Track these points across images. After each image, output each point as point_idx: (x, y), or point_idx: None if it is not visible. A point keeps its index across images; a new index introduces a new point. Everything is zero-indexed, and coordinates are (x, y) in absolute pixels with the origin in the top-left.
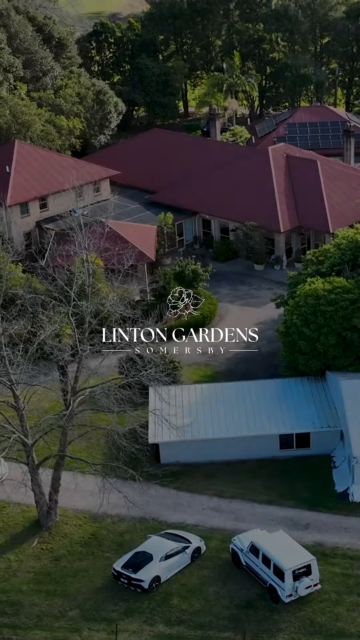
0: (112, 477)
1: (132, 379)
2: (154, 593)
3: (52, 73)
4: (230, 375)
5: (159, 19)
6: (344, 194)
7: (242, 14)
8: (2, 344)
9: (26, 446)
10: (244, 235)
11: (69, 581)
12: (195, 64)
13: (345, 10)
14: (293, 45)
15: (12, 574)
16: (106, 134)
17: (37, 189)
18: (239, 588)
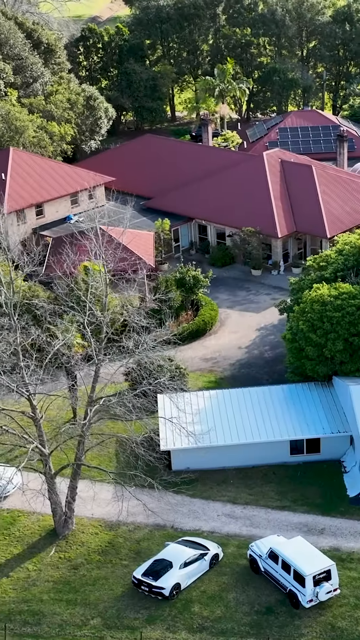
0: (132, 486)
1: (147, 387)
2: (174, 600)
3: (42, 79)
4: (234, 381)
5: (146, 23)
6: (340, 198)
7: (229, 18)
8: (19, 354)
9: (43, 456)
10: (242, 240)
11: (89, 590)
12: (182, 68)
13: (331, 14)
14: (280, 49)
15: (32, 583)
16: (96, 139)
17: (33, 196)
18: (258, 594)
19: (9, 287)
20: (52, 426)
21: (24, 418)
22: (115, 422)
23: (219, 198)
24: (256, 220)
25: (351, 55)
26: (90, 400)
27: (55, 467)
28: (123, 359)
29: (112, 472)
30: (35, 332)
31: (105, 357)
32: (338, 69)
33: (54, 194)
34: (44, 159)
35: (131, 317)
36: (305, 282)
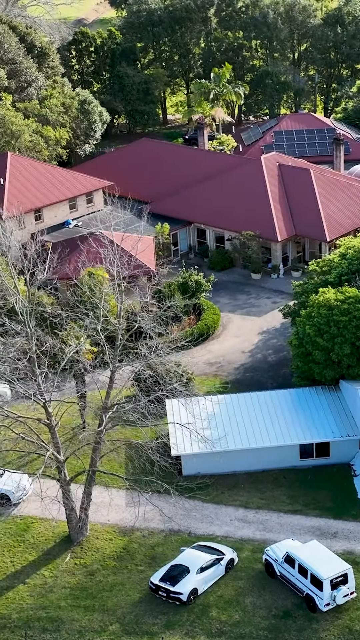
0: (148, 492)
1: (162, 394)
2: (192, 605)
3: (37, 83)
4: (240, 385)
5: (137, 27)
6: (338, 202)
7: (220, 21)
8: (35, 362)
9: (58, 462)
10: (241, 244)
11: (106, 595)
12: (174, 71)
13: (322, 17)
14: (272, 52)
15: (49, 590)
16: (91, 143)
17: (32, 200)
18: (275, 598)
19: (24, 295)
20: (62, 432)
21: (35, 424)
22: (123, 427)
23: (218, 202)
24: (255, 224)
25: (342, 57)
26: (105, 406)
27: (68, 473)
28: (135, 364)
29: (129, 478)
30: (50, 339)
31: (120, 363)
32: (329, 71)
33: (52, 198)
34: (41, 163)
35: (146, 323)
36: (308, 286)
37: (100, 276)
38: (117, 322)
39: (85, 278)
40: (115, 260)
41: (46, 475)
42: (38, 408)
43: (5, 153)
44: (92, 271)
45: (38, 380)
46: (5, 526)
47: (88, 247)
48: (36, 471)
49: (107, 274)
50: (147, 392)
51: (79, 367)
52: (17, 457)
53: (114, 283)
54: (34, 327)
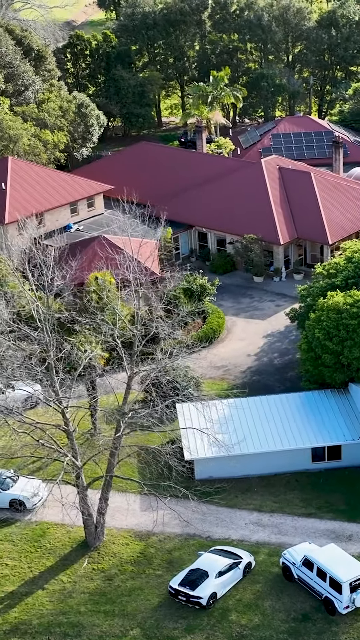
0: (166, 497)
1: (177, 398)
2: (211, 609)
3: (34, 87)
4: (247, 389)
5: (131, 30)
6: (340, 205)
7: (214, 24)
8: (53, 368)
9: (76, 468)
10: (244, 247)
11: (126, 600)
12: (169, 74)
13: (317, 19)
14: (266, 55)
15: (68, 595)
16: (88, 146)
17: (33, 205)
18: (293, 601)
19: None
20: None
21: (49, 429)
22: (135, 431)
23: (219, 205)
24: (257, 227)
25: (337, 60)
26: (122, 412)
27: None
28: (151, 369)
29: (147, 483)
30: (68, 345)
31: (138, 368)
32: (324, 73)
33: (54, 203)
34: (42, 167)
35: (163, 328)
36: (314, 289)
37: (107, 280)
38: (135, 327)
39: (93, 283)
40: (131, 266)
41: (63, 480)
42: (50, 413)
43: (6, 157)
44: (98, 275)
45: (56, 387)
46: (22, 532)
47: (99, 252)
48: (55, 477)
49: (112, 278)
50: (163, 397)
51: (91, 373)
52: (30, 463)
53: (131, 289)
54: (51, 334)
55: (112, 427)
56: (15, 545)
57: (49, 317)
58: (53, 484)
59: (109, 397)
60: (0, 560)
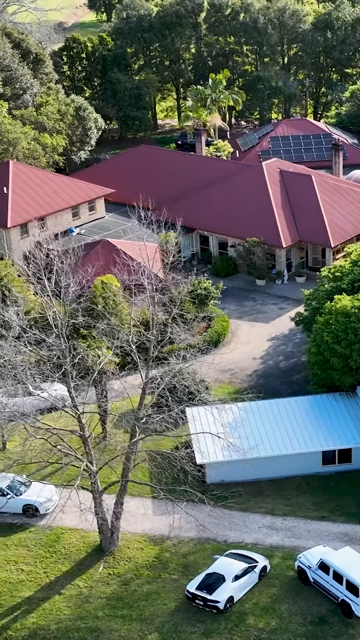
0: (183, 501)
1: (192, 403)
2: (228, 613)
3: (32, 90)
4: (255, 392)
5: (127, 32)
6: (341, 207)
7: (210, 27)
8: (69, 374)
9: (91, 473)
10: (246, 250)
11: (143, 605)
12: (164, 77)
13: (312, 21)
14: (262, 57)
15: (85, 600)
16: (86, 150)
17: (36, 209)
18: (309, 604)
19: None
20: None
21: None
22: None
23: (221, 208)
24: (259, 230)
25: (332, 62)
26: (138, 417)
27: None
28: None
29: (162, 488)
30: (82, 350)
31: (155, 375)
32: (319, 76)
33: (56, 206)
34: (43, 171)
35: (177, 334)
36: (320, 293)
37: (113, 285)
38: (151, 333)
39: (99, 287)
40: (148, 271)
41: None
42: (65, 417)
43: (7, 162)
44: (104, 280)
45: (72, 393)
46: (36, 537)
47: (115, 257)
48: (67, 482)
49: (118, 282)
50: (178, 402)
51: (102, 377)
52: (41, 468)
53: (146, 295)
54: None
55: (122, 431)
56: (30, 550)
57: (65, 323)
58: (71, 490)
59: (120, 402)
60: (16, 566)
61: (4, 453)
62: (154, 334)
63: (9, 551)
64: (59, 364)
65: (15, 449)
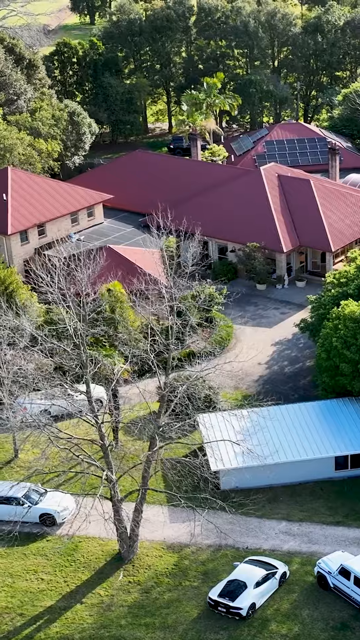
0: (204, 509)
1: (209, 411)
2: (251, 620)
3: (26, 95)
4: (262, 398)
5: (117, 37)
6: (340, 212)
7: (200, 31)
8: (89, 384)
9: (110, 482)
10: (247, 255)
11: (165, 612)
12: (155, 80)
13: (302, 25)
14: (252, 60)
15: (107, 608)
16: (80, 155)
17: (35, 215)
18: (330, 610)
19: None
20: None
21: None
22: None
23: (220, 213)
24: (259, 235)
25: (323, 65)
26: (158, 425)
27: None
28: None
29: (183, 495)
30: (100, 360)
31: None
32: (310, 79)
33: (55, 213)
34: (41, 177)
35: (197, 343)
36: (326, 298)
37: (119, 292)
38: (171, 342)
39: (105, 295)
40: (167, 281)
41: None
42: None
43: (5, 168)
44: (110, 287)
45: (92, 404)
46: (54, 546)
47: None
48: (84, 490)
49: (123, 289)
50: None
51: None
52: (55, 476)
53: (166, 305)
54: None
55: (133, 438)
56: (49, 559)
57: (85, 334)
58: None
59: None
60: (36, 575)
61: (16, 462)
62: (173, 343)
63: (27, 560)
64: (87, 375)
65: (26, 457)
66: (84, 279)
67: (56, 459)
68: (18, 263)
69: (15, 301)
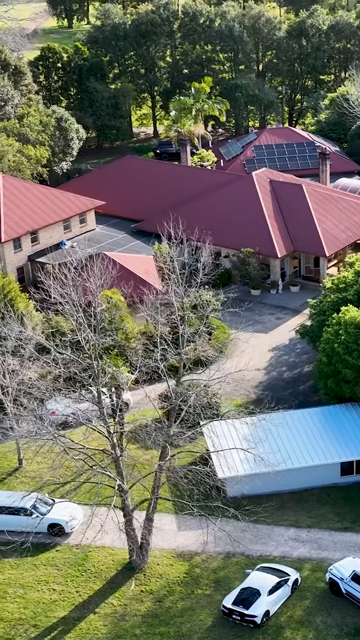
0: (217, 517)
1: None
2: (265, 627)
3: (13, 102)
4: (263, 404)
5: (101, 41)
6: (332, 216)
7: (184, 36)
8: (100, 394)
9: (122, 492)
10: (241, 261)
11: (179, 621)
12: (139, 85)
13: (286, 29)
14: (237, 65)
15: (120, 618)
16: (67, 160)
17: (28, 223)
18: (343, 616)
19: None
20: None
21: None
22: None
23: (212, 219)
24: (253, 240)
25: (307, 69)
26: (169, 436)
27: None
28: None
29: (195, 504)
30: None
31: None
32: (294, 82)
33: (48, 220)
34: (32, 184)
35: (206, 350)
36: (325, 304)
37: (118, 299)
38: (182, 352)
39: (104, 302)
40: (179, 290)
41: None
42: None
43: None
44: (109, 294)
45: (104, 415)
46: (64, 556)
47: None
48: (92, 500)
49: (121, 296)
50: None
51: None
52: (60, 485)
53: (177, 314)
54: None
55: (136, 446)
56: (60, 569)
57: (97, 344)
58: (107, 509)
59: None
60: (48, 586)
61: (21, 472)
62: (185, 353)
63: (38, 571)
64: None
65: (30, 467)
66: (97, 290)
67: (62, 468)
68: (12, 271)
69: (15, 310)
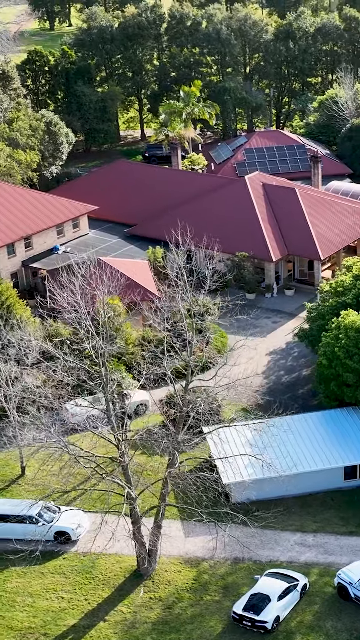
0: (227, 524)
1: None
2: (276, 633)
3: (1, 106)
4: (263, 409)
5: (88, 44)
6: (326, 219)
7: (171, 39)
8: (109, 402)
9: (131, 499)
10: (236, 265)
11: (189, 628)
12: (127, 88)
13: (273, 32)
14: (225, 67)
15: (131, 625)
16: (57, 164)
17: (21, 228)
18: (353, 620)
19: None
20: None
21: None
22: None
23: (206, 223)
24: (247, 244)
25: (295, 72)
26: (177, 442)
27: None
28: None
29: (204, 511)
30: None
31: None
32: (281, 85)
33: (41, 225)
34: (25, 189)
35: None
36: (324, 308)
37: (117, 305)
38: (190, 359)
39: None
40: (187, 297)
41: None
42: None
43: None
44: (110, 301)
45: (112, 423)
46: (71, 563)
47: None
48: (96, 507)
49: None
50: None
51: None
52: (64, 493)
53: (185, 322)
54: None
55: (139, 452)
56: (67, 577)
57: (105, 352)
58: (117, 517)
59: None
60: (56, 594)
61: (23, 479)
62: (193, 359)
63: (45, 579)
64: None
65: (32, 475)
66: (104, 298)
67: (65, 476)
68: (6, 276)
69: (13, 316)
